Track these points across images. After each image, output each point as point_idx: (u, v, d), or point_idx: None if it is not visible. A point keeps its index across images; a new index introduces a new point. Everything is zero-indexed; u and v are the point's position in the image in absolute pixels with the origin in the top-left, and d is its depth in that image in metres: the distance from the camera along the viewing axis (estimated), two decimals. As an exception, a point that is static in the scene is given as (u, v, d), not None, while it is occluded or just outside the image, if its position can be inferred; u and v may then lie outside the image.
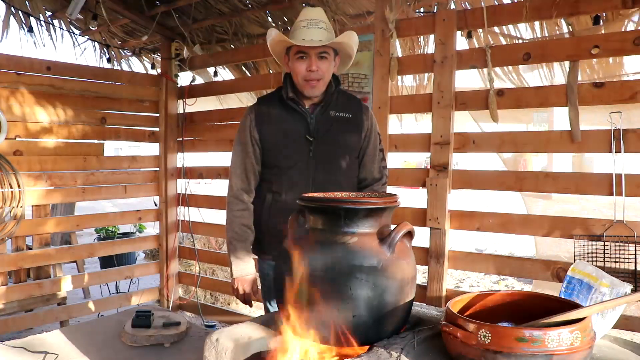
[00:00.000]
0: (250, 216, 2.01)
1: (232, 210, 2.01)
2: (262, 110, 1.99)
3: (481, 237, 7.47)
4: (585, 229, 2.29)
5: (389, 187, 2.19)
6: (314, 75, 1.87)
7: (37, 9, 3.70)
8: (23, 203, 3.26)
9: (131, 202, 5.25)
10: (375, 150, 2.04)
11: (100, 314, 3.91)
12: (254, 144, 1.97)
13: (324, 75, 1.89)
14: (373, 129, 2.03)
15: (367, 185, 2.06)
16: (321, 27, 1.86)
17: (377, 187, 2.06)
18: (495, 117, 2.51)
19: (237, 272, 2.00)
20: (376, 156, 2.05)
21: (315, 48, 1.85)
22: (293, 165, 1.93)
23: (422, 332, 1.39)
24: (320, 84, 1.90)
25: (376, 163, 2.05)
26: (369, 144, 2.02)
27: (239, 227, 1.99)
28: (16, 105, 3.31)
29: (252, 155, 1.98)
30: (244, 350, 1.42)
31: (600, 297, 1.64)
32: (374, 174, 2.06)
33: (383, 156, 2.10)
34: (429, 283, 2.68)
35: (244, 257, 1.99)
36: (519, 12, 2.43)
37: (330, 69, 1.92)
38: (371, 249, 1.30)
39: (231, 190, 2.03)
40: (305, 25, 1.86)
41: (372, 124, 2.03)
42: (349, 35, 1.91)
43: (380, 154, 2.07)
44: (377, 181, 2.06)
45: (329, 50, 1.89)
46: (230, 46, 3.94)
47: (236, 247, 1.99)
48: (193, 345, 2.56)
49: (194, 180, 4.15)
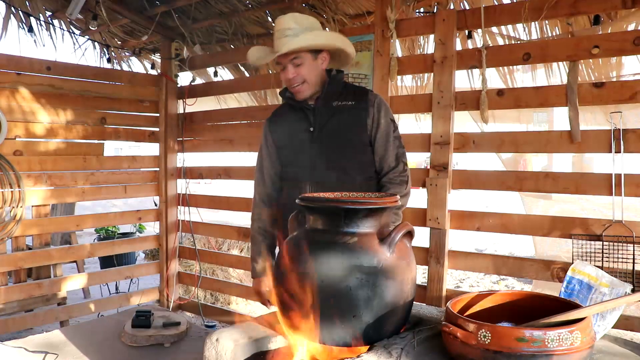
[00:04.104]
0: (267, 219, 2.12)
1: (252, 215, 2.15)
2: (275, 114, 2.12)
3: (481, 237, 7.47)
4: (584, 229, 2.29)
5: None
6: (294, 81, 1.91)
7: (37, 8, 3.70)
8: (23, 203, 3.26)
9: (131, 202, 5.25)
10: (387, 137, 1.96)
11: (100, 314, 3.91)
12: (269, 148, 2.09)
13: (305, 78, 1.91)
14: (381, 115, 1.96)
15: (385, 174, 1.98)
16: (287, 35, 1.87)
17: (394, 176, 1.96)
18: (486, 118, 2.52)
19: (253, 274, 2.14)
20: (390, 143, 1.97)
21: (286, 56, 1.88)
22: (295, 159, 2.00)
23: (422, 332, 1.39)
24: (304, 88, 1.93)
25: (389, 151, 1.97)
26: (378, 131, 1.95)
27: (256, 230, 2.13)
28: (16, 105, 3.31)
29: (268, 158, 2.09)
30: (244, 350, 1.43)
31: (600, 297, 1.64)
32: (390, 162, 1.97)
33: (399, 143, 1.99)
34: (429, 283, 2.68)
35: (257, 259, 2.11)
36: (518, 12, 2.43)
37: (311, 70, 1.92)
38: (371, 249, 1.30)
39: (253, 197, 2.16)
40: (277, 36, 1.90)
41: (379, 110, 1.95)
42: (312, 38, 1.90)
43: (395, 141, 1.98)
44: (393, 169, 1.96)
45: (301, 54, 1.89)
46: (230, 46, 3.94)
47: (252, 249, 2.14)
48: (193, 345, 2.56)
49: (194, 180, 4.15)
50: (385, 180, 1.98)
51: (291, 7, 3.28)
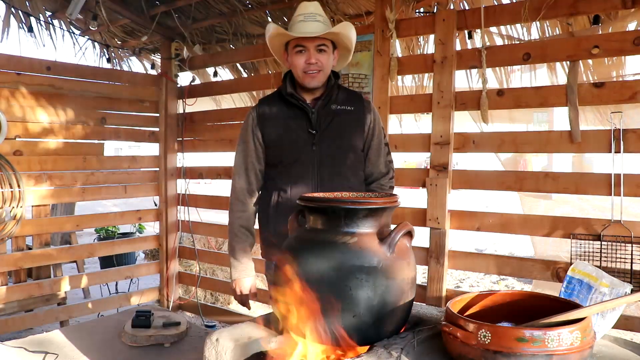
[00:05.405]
0: (250, 218, 2.02)
1: (232, 212, 2.02)
2: (264, 109, 1.99)
3: (481, 237, 7.47)
4: (584, 229, 2.29)
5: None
6: (313, 67, 1.87)
7: (37, 9, 3.70)
8: (23, 203, 3.26)
9: (131, 202, 5.25)
10: (380, 144, 2.02)
11: (100, 314, 3.91)
12: (256, 143, 1.97)
13: (323, 67, 1.89)
14: (376, 123, 2.01)
15: (374, 180, 2.04)
16: (318, 21, 1.87)
17: (385, 182, 2.04)
18: (486, 118, 2.52)
19: (235, 274, 2.01)
20: (381, 150, 2.03)
21: (313, 41, 1.85)
22: (297, 159, 1.92)
23: (422, 332, 1.39)
24: (320, 75, 1.90)
25: (382, 157, 2.03)
26: (373, 138, 2.00)
27: (238, 229, 2.00)
28: (16, 105, 3.31)
29: (255, 155, 1.98)
30: (244, 350, 1.43)
31: (600, 297, 1.64)
32: (381, 168, 2.03)
33: (388, 150, 2.08)
34: (429, 283, 2.68)
35: (242, 258, 1.99)
36: (518, 12, 2.44)
37: (329, 62, 1.92)
38: (371, 249, 1.30)
39: (233, 191, 2.03)
40: (303, 19, 1.87)
41: (374, 117, 2.01)
42: (346, 27, 1.91)
43: (385, 147, 2.05)
44: (383, 175, 2.04)
45: (327, 43, 1.89)
46: (230, 46, 3.94)
47: (235, 249, 2.00)
48: (193, 345, 2.56)
49: (193, 180, 4.15)
50: (376, 186, 2.03)
51: (291, 7, 3.28)
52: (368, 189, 2.03)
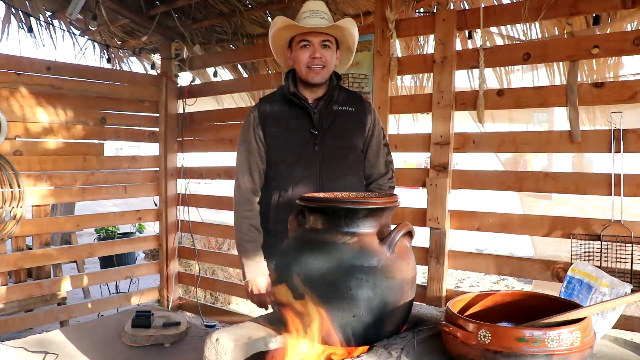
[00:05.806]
0: (257, 217, 1.98)
1: (240, 211, 1.97)
2: (265, 108, 1.98)
3: (481, 237, 7.47)
4: (584, 229, 2.29)
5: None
6: (317, 61, 1.88)
7: (37, 9, 3.70)
8: (23, 203, 3.26)
9: (131, 202, 5.25)
10: (379, 144, 2.03)
11: (100, 314, 3.91)
12: (258, 142, 1.96)
13: (327, 63, 1.90)
14: (376, 123, 2.03)
15: (374, 180, 2.04)
16: (323, 17, 1.89)
17: (384, 182, 2.04)
18: (482, 118, 2.52)
19: (250, 274, 1.93)
20: (381, 150, 2.03)
21: (318, 36, 1.87)
22: (298, 159, 1.92)
23: (422, 332, 1.39)
24: (323, 72, 1.90)
25: (381, 158, 2.04)
26: (373, 138, 2.01)
27: (248, 228, 1.95)
28: (16, 105, 3.31)
29: (257, 154, 1.96)
30: (244, 350, 1.42)
31: (600, 297, 1.64)
32: (380, 169, 2.04)
33: (388, 151, 2.08)
34: (429, 283, 2.68)
35: (255, 257, 1.93)
36: (518, 12, 2.44)
37: (332, 59, 1.93)
38: (371, 249, 1.30)
39: (238, 190, 1.98)
40: (308, 15, 1.89)
41: (375, 118, 2.03)
42: (349, 22, 1.92)
43: (385, 148, 2.06)
44: (383, 176, 2.04)
45: (331, 40, 1.91)
46: (230, 46, 3.94)
47: (247, 248, 1.94)
48: (193, 345, 2.56)
49: (193, 180, 4.14)
50: (375, 186, 2.03)
51: (291, 7, 3.28)
52: (367, 189, 2.03)
